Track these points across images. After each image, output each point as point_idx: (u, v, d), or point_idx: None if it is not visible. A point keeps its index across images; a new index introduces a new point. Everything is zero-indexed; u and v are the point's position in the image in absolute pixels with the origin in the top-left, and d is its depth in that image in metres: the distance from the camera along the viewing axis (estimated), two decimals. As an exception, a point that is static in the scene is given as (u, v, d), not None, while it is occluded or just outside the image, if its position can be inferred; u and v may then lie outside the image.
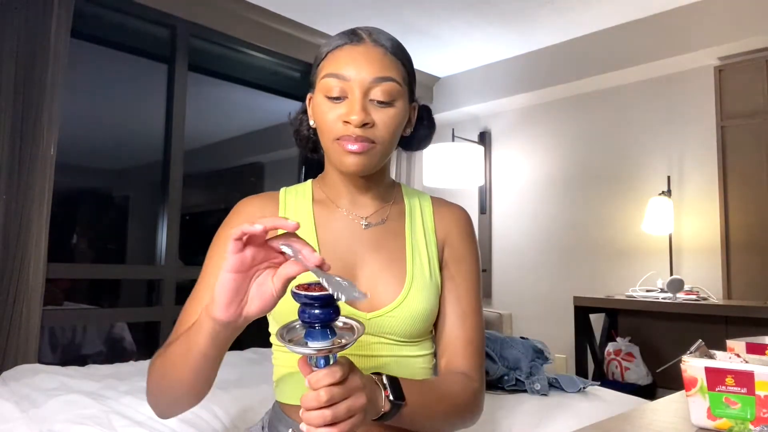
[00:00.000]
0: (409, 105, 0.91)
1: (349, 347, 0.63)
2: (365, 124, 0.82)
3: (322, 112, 0.85)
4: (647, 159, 3.31)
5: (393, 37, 0.90)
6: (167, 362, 0.77)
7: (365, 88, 0.83)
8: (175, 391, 0.77)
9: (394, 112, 0.85)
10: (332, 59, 0.86)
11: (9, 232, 2.19)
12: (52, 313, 2.45)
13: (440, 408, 0.82)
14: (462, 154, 3.64)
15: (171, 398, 0.79)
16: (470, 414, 0.88)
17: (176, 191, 2.92)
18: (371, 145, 0.84)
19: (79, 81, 2.75)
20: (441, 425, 0.83)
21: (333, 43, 0.88)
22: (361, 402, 0.65)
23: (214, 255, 0.91)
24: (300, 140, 1.00)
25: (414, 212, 0.97)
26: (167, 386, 0.78)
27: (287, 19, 3.23)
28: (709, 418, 0.73)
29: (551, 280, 3.66)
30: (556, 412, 1.46)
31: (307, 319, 0.61)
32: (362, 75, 0.83)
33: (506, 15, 3.19)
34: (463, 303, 0.92)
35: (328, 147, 0.87)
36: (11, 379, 1.68)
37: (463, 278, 0.94)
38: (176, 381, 0.75)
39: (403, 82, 0.87)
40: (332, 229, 0.92)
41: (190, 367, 0.73)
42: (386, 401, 0.72)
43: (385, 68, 0.85)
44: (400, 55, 0.89)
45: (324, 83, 0.85)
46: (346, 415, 0.63)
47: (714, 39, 2.92)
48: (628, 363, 2.95)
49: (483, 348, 0.93)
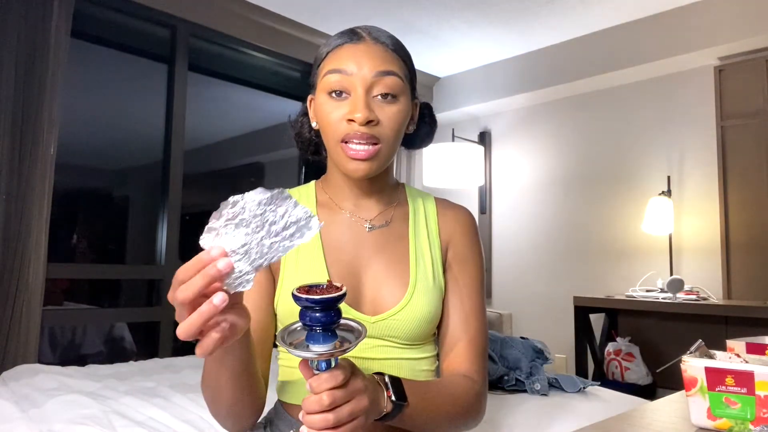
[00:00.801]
0: (411, 102, 0.90)
1: (351, 350, 0.62)
2: (370, 121, 0.81)
3: (325, 111, 0.85)
4: (647, 159, 3.31)
5: (392, 35, 0.90)
6: (208, 391, 0.79)
7: (368, 83, 0.83)
8: (233, 410, 0.80)
9: (397, 108, 0.85)
10: (333, 57, 0.86)
11: (9, 232, 2.19)
12: (52, 313, 2.45)
13: (442, 409, 0.81)
14: (462, 154, 3.64)
15: (232, 415, 0.81)
16: (472, 416, 0.88)
17: (176, 191, 2.92)
18: (376, 148, 0.83)
19: (79, 81, 2.75)
20: (443, 427, 0.83)
21: (333, 42, 0.88)
22: (364, 404, 0.65)
23: None
24: (301, 143, 0.99)
25: (418, 214, 0.96)
26: (224, 410, 0.80)
27: (287, 19, 3.23)
28: (709, 418, 0.73)
29: (551, 280, 3.66)
30: (556, 412, 1.46)
31: (308, 322, 0.60)
32: (364, 70, 0.83)
33: (506, 15, 3.19)
34: (466, 305, 0.92)
35: (332, 149, 0.86)
36: (11, 379, 1.68)
37: (467, 280, 0.93)
38: (224, 404, 0.78)
39: (404, 78, 0.87)
40: (336, 233, 0.91)
41: (227, 390, 0.75)
42: (388, 402, 0.72)
43: (387, 63, 0.85)
44: (401, 52, 0.89)
45: (326, 80, 0.84)
46: (348, 418, 0.63)
47: (714, 39, 2.92)
48: (628, 363, 2.95)
49: (486, 350, 0.93)
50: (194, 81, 3.10)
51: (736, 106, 2.88)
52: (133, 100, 3.09)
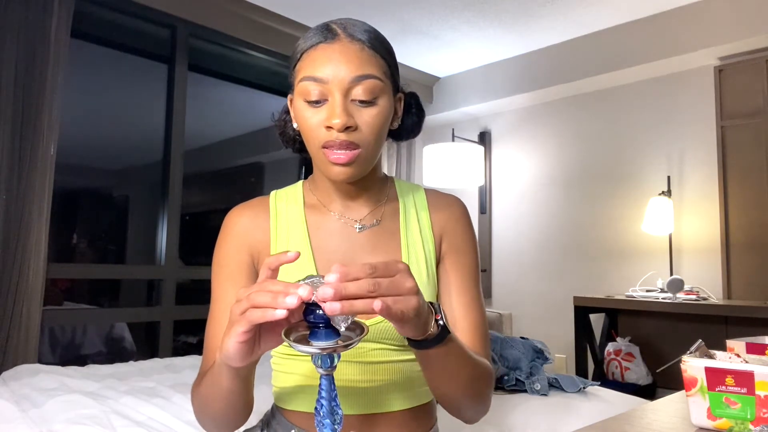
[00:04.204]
0: (393, 98, 0.87)
1: (354, 346, 0.62)
2: (348, 127, 0.80)
3: (304, 117, 0.83)
4: (647, 159, 3.31)
5: (370, 28, 0.86)
6: (202, 397, 0.81)
7: (345, 88, 0.80)
8: (218, 422, 0.82)
9: (376, 111, 0.82)
10: (308, 60, 0.83)
11: (9, 232, 2.19)
12: (52, 313, 2.45)
13: (469, 366, 0.79)
14: (462, 154, 3.64)
15: (216, 426, 0.83)
16: (485, 394, 0.85)
17: (176, 191, 2.92)
18: (356, 152, 0.81)
19: (79, 81, 2.75)
20: (462, 387, 0.80)
21: (307, 41, 0.84)
22: (413, 303, 0.62)
23: (220, 277, 0.90)
24: (286, 141, 0.97)
25: (408, 209, 0.95)
26: (209, 418, 0.82)
27: (287, 19, 3.23)
28: (709, 418, 0.73)
29: (551, 280, 3.66)
30: (556, 412, 1.46)
31: (312, 320, 0.61)
32: (341, 75, 0.80)
33: (506, 15, 3.19)
34: (466, 294, 0.90)
35: (314, 154, 0.85)
36: (11, 379, 1.68)
37: (464, 270, 0.92)
38: (215, 413, 0.80)
39: (384, 77, 0.84)
40: (325, 235, 0.90)
41: (222, 402, 0.77)
42: (435, 324, 0.69)
43: (364, 65, 0.81)
44: (379, 48, 0.84)
45: (302, 87, 0.82)
46: (395, 301, 0.60)
47: (714, 39, 2.92)
48: (628, 363, 2.95)
49: (488, 339, 0.91)
50: (194, 81, 3.10)
51: (736, 106, 2.88)
52: (133, 100, 3.10)
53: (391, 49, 0.89)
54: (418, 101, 0.97)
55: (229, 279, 0.88)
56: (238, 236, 0.90)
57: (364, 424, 0.84)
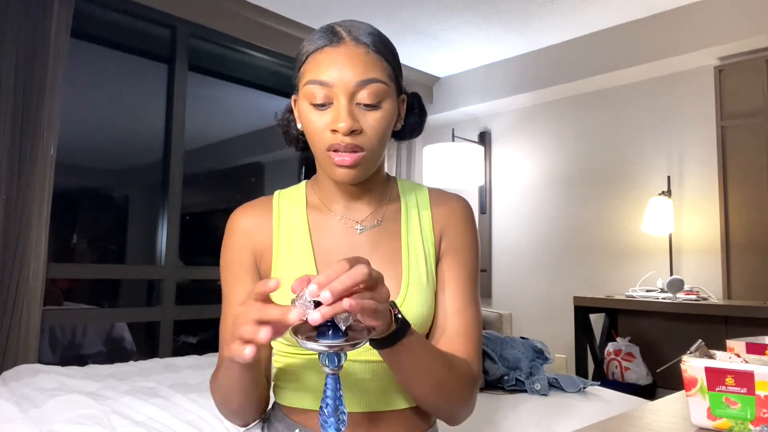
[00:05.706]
0: (397, 100, 0.88)
1: (361, 345, 0.63)
2: (353, 131, 0.80)
3: (309, 120, 0.83)
4: (647, 159, 3.31)
5: (374, 30, 0.87)
6: (221, 391, 0.86)
7: (350, 92, 0.81)
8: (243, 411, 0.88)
9: (381, 115, 0.83)
10: (313, 63, 0.83)
11: (9, 232, 2.19)
12: (52, 313, 2.45)
13: (437, 368, 0.79)
14: (462, 154, 3.65)
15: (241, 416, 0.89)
16: (464, 397, 0.85)
17: (176, 191, 2.92)
18: (360, 155, 0.82)
19: (79, 81, 2.75)
20: (433, 389, 0.80)
21: (313, 44, 0.85)
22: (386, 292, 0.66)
23: (229, 278, 0.92)
24: (289, 140, 0.98)
25: (410, 210, 0.95)
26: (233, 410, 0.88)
27: (287, 19, 3.23)
28: (709, 418, 0.73)
29: (551, 280, 3.67)
30: (556, 412, 1.46)
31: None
32: (346, 79, 0.80)
33: (506, 15, 3.19)
34: (460, 295, 0.90)
35: (318, 156, 0.85)
36: (11, 379, 1.68)
37: (461, 269, 0.92)
38: (236, 404, 0.86)
39: (389, 80, 0.84)
40: (327, 236, 0.91)
41: (240, 392, 0.83)
42: (394, 319, 0.71)
43: (369, 69, 0.82)
44: (384, 51, 0.85)
45: (307, 90, 0.83)
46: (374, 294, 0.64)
47: (714, 39, 2.92)
48: (628, 363, 2.95)
49: (480, 340, 0.91)
50: (194, 81, 3.10)
51: (736, 106, 2.88)
52: (133, 100, 3.10)
53: (395, 50, 0.90)
54: (421, 102, 0.98)
55: (236, 279, 0.91)
56: (240, 237, 0.92)
57: (369, 422, 0.85)
